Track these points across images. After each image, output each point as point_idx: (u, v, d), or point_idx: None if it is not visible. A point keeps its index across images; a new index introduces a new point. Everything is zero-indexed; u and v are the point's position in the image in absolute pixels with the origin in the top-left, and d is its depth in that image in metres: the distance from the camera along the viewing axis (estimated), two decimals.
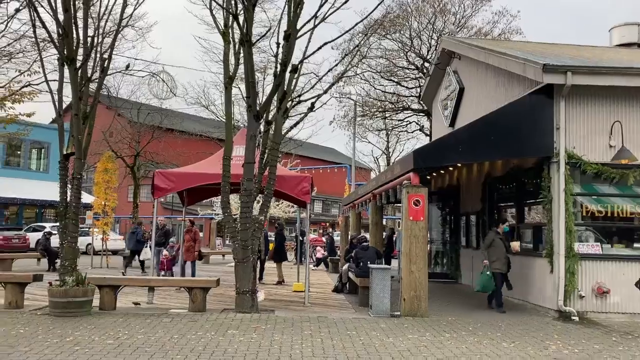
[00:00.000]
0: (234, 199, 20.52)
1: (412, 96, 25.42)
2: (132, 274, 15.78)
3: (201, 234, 41.97)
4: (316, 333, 7.75)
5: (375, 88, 25.43)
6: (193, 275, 13.18)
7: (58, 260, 17.90)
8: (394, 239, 18.70)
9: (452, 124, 16.21)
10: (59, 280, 8.89)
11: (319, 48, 9.99)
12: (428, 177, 15.58)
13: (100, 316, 8.62)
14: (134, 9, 10.74)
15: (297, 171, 24.94)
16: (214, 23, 10.62)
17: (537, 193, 10.55)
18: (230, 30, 10.61)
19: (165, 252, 14.01)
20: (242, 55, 10.63)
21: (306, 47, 10.73)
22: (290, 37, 9.44)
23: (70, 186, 9.64)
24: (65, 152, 9.96)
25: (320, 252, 22.99)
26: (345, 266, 13.12)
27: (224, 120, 29.88)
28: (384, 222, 16.74)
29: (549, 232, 10.10)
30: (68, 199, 9.69)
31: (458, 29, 25.12)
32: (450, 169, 14.52)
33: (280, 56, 10.01)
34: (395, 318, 9.18)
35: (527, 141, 10.08)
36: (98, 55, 10.33)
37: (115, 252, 24.16)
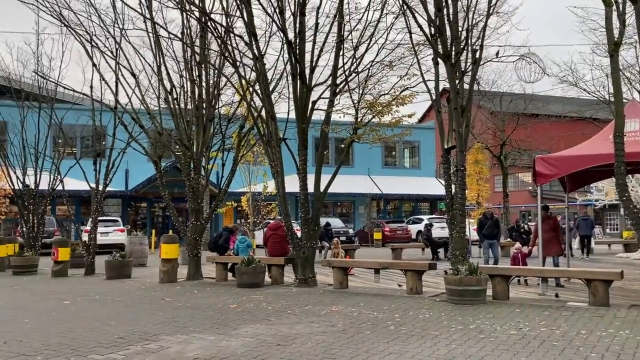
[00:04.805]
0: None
1: None
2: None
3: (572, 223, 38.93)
4: None
5: None
6: None
7: (440, 250, 19.28)
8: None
9: None
10: (452, 269, 9.28)
11: None
12: None
13: (496, 306, 8.62)
14: None
15: None
16: None
17: None
18: None
19: (517, 244, 13.01)
20: (629, 16, 9.27)
21: None
22: None
23: (454, 178, 10.00)
24: (446, 147, 10.41)
25: None
26: None
27: (594, 96, 27.08)
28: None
29: None
30: (453, 191, 10.07)
31: None
32: None
33: None
34: None
35: None
36: (469, 48, 10.47)
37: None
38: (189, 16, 13.36)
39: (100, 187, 16.03)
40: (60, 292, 11.47)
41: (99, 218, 17.01)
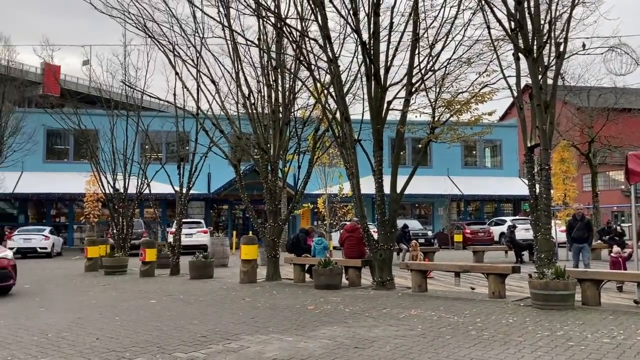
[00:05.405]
0: None
1: None
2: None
3: None
4: None
5: None
6: None
7: (524, 253, 18.50)
8: None
9: None
10: (537, 273, 8.86)
11: None
12: None
13: (585, 312, 8.15)
14: None
15: None
16: None
17: None
18: None
19: (616, 248, 12.00)
20: None
21: None
22: None
23: (538, 178, 9.57)
24: (529, 145, 9.98)
25: None
26: None
27: None
28: None
29: None
30: (537, 191, 9.64)
31: None
32: None
33: None
34: None
35: None
36: (552, 41, 9.99)
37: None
38: (265, 22, 13.62)
39: (184, 191, 16.68)
40: (147, 292, 12.01)
41: (184, 220, 17.69)
